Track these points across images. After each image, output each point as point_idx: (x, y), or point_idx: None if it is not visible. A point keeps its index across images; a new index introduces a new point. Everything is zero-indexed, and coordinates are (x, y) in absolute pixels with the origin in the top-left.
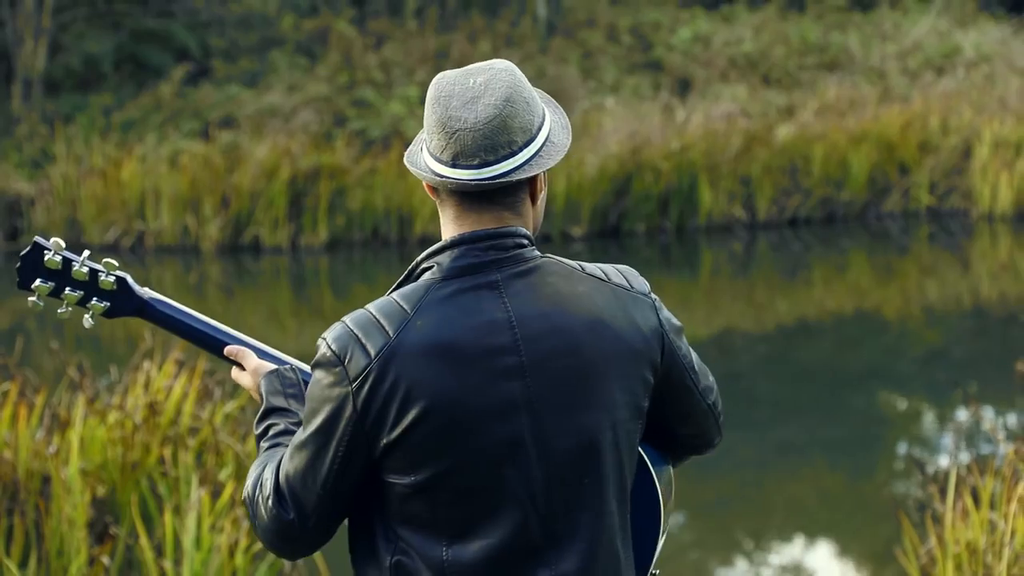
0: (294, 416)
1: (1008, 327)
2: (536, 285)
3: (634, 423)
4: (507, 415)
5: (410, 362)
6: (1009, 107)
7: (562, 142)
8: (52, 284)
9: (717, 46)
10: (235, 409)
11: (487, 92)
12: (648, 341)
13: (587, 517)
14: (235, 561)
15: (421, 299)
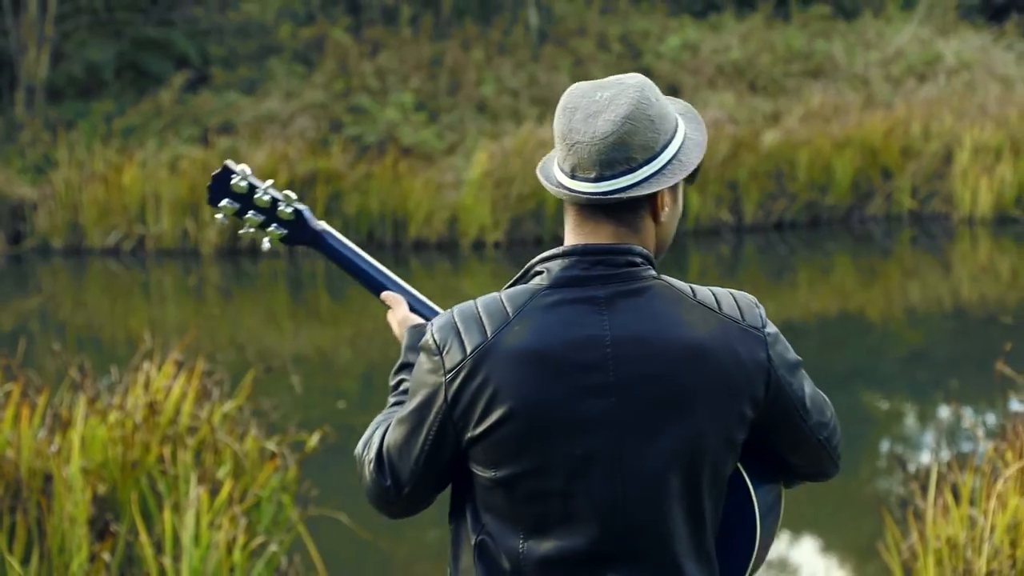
0: None
1: (988, 328)
2: (641, 307)
3: (724, 454)
4: (587, 430)
5: (501, 364)
6: (989, 113)
7: (691, 160)
8: (238, 206)
9: (705, 54)
10: (233, 409)
11: (610, 107)
12: (750, 376)
13: (655, 538)
14: (233, 558)
15: (524, 304)
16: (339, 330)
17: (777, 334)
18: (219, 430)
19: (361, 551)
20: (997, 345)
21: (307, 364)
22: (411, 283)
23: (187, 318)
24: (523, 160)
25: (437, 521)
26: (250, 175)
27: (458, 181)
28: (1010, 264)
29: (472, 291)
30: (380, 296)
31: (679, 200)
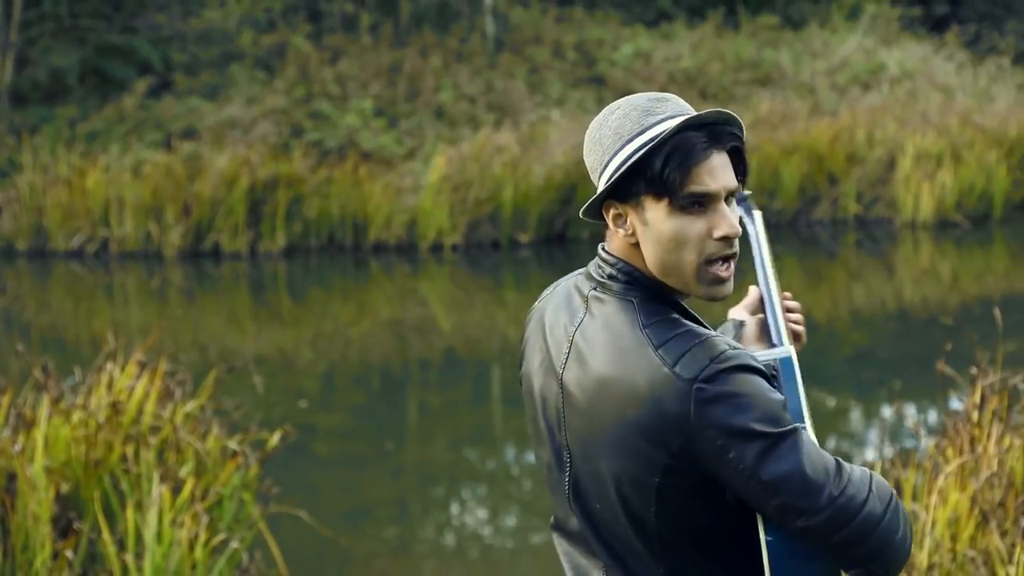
0: None
1: (929, 329)
2: (602, 317)
3: (635, 490)
4: (544, 408)
5: None
6: (930, 121)
7: (617, 182)
8: None
9: (657, 62)
10: (195, 408)
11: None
12: (664, 424)
13: (609, 528)
14: (195, 555)
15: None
16: (300, 331)
17: (721, 394)
18: (181, 429)
19: (321, 548)
20: (938, 345)
21: (269, 364)
22: (371, 285)
23: (150, 319)
24: (480, 165)
25: (396, 518)
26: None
27: (417, 185)
28: (950, 267)
29: (430, 293)
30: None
31: (653, 223)
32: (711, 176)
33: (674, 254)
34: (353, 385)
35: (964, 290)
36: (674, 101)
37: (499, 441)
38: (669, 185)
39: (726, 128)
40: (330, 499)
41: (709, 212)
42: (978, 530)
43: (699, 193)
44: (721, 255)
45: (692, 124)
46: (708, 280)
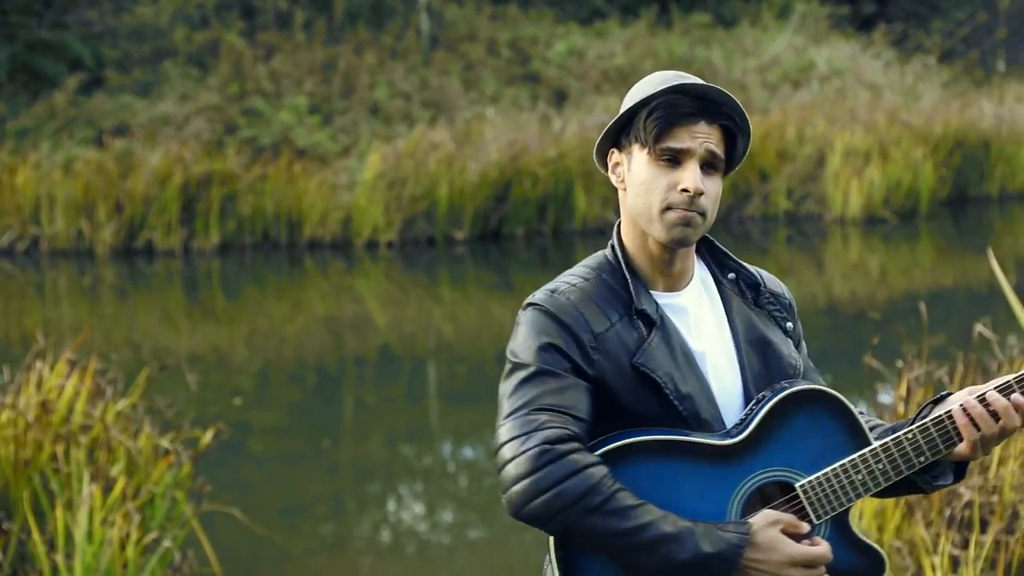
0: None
1: (858, 323)
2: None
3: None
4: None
5: None
6: (858, 119)
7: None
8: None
9: (591, 60)
10: (127, 407)
11: None
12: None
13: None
14: (126, 554)
15: None
16: (234, 328)
17: (516, 322)
18: (112, 428)
19: (256, 546)
20: (866, 339)
21: (203, 362)
22: (306, 282)
23: (81, 318)
24: (415, 162)
25: (332, 515)
26: None
27: (352, 182)
28: (878, 262)
29: (365, 290)
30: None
31: (635, 168)
32: (691, 136)
33: (642, 197)
34: (288, 382)
35: (891, 285)
36: (695, 79)
37: (435, 437)
38: (649, 135)
39: (721, 107)
40: (265, 497)
41: (681, 168)
42: (904, 521)
43: (674, 148)
44: (680, 206)
45: (686, 91)
46: (668, 224)
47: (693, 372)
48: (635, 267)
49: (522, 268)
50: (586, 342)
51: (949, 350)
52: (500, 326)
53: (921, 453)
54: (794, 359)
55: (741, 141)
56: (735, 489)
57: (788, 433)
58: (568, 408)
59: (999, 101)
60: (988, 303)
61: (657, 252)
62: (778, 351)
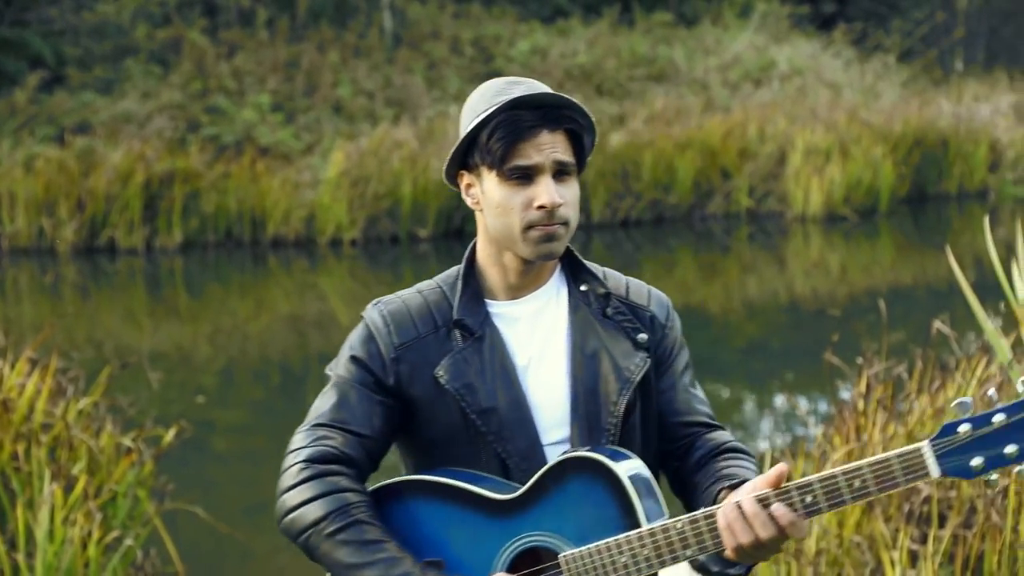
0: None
1: (818, 320)
2: None
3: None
4: None
5: None
6: (819, 117)
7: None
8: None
9: (553, 58)
10: (88, 405)
11: None
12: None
13: None
14: (88, 553)
15: None
16: (198, 327)
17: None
18: (74, 427)
19: (219, 544)
20: (827, 336)
21: (166, 360)
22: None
23: (43, 316)
24: (379, 160)
25: None
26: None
27: (315, 180)
28: (839, 260)
29: (329, 288)
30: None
31: (488, 191)
32: (537, 151)
33: (500, 219)
34: (252, 380)
35: (851, 282)
36: (528, 84)
37: None
38: (495, 156)
39: (561, 112)
40: (229, 495)
41: (533, 184)
42: (863, 516)
43: (522, 166)
44: (541, 223)
45: (523, 104)
46: (533, 240)
47: (505, 386)
48: (481, 277)
49: None
50: (386, 354)
51: (908, 347)
52: None
53: (688, 546)
54: (629, 371)
55: (588, 138)
56: (504, 545)
57: (561, 498)
58: (349, 424)
59: (957, 100)
60: (947, 300)
61: (513, 264)
62: (614, 364)
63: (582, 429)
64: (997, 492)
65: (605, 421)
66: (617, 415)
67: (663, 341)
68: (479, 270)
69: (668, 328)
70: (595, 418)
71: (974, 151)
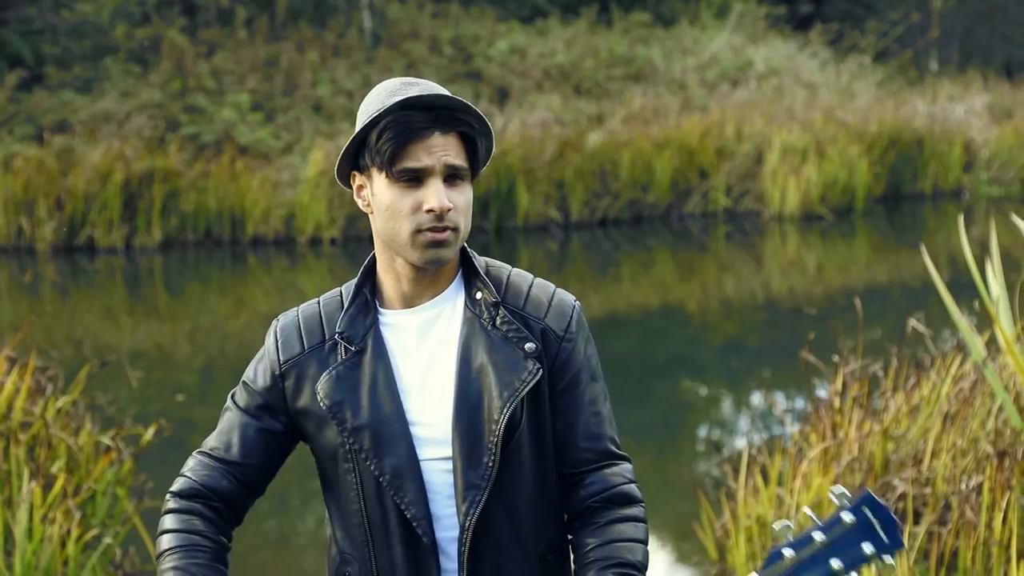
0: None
1: (795, 319)
2: None
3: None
4: None
5: None
6: (796, 117)
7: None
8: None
9: (532, 58)
10: (67, 404)
11: None
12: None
13: None
14: (67, 551)
15: None
16: (177, 325)
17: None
18: (53, 425)
19: None
20: (803, 335)
21: (145, 359)
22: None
23: (22, 315)
24: None
25: (276, 511)
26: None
27: (295, 180)
28: (815, 259)
29: (309, 287)
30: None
31: (377, 193)
32: (427, 153)
33: (390, 223)
34: (231, 379)
35: (828, 281)
36: (424, 85)
37: None
38: (384, 157)
39: (455, 114)
40: None
41: (423, 187)
42: None
43: (411, 168)
44: (430, 227)
45: (415, 105)
46: (420, 245)
47: (380, 402)
48: (376, 286)
49: None
50: (274, 372)
51: (884, 345)
52: None
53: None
54: (513, 386)
55: (483, 143)
56: None
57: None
58: (226, 453)
59: (932, 100)
60: (922, 298)
61: (405, 271)
62: (498, 377)
63: (463, 446)
64: (971, 489)
65: (486, 439)
66: (497, 433)
67: (560, 354)
68: (378, 278)
69: (567, 340)
70: (477, 435)
71: (949, 151)
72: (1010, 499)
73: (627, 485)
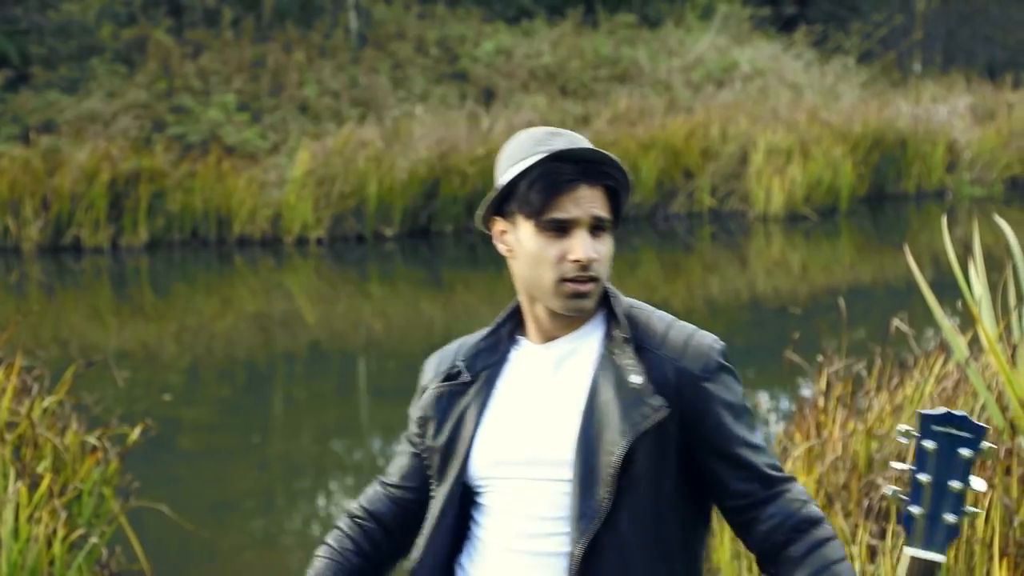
0: None
1: (779, 318)
2: None
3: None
4: None
5: None
6: (780, 117)
7: (488, 199)
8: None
9: (518, 58)
10: (53, 403)
11: None
12: None
13: None
14: (53, 551)
15: None
16: (163, 325)
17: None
18: (39, 425)
19: (185, 542)
20: (788, 334)
21: (132, 359)
22: (235, 279)
23: (7, 315)
24: (344, 159)
25: (262, 510)
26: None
27: (281, 180)
28: (800, 258)
29: (295, 287)
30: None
31: (523, 240)
32: (575, 204)
33: (534, 270)
34: (218, 379)
35: (812, 281)
36: (568, 136)
37: (364, 432)
38: (533, 207)
39: (601, 167)
40: (194, 492)
41: (569, 237)
42: (824, 512)
43: (559, 219)
44: (574, 276)
45: (564, 157)
46: (563, 295)
47: (462, 432)
48: (520, 322)
49: (451, 265)
50: (420, 398)
51: (868, 344)
52: (429, 322)
53: None
54: (635, 421)
55: (623, 195)
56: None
57: None
58: (388, 478)
59: (915, 101)
60: (905, 298)
61: (543, 314)
62: (623, 412)
63: (581, 475)
64: None
65: (603, 472)
66: (614, 465)
67: (699, 393)
68: (522, 311)
69: (705, 379)
70: (595, 466)
71: (932, 151)
72: (992, 498)
73: (806, 507)
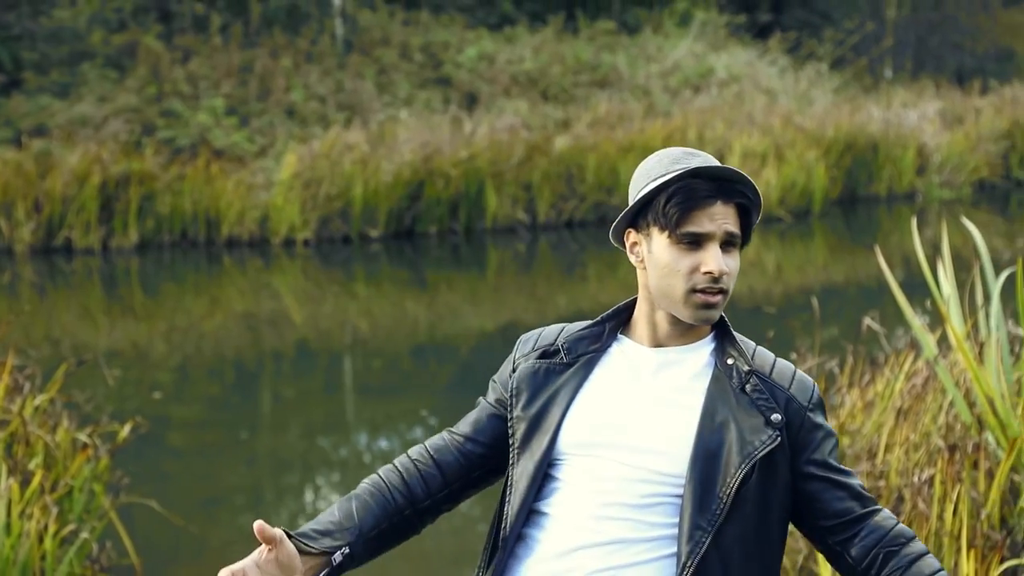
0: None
1: (754, 317)
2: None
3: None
4: None
5: None
6: (755, 122)
7: (626, 211)
8: None
9: (500, 64)
10: (44, 401)
11: None
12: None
13: None
14: (44, 546)
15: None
16: (153, 325)
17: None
18: (30, 423)
19: (174, 537)
20: (761, 334)
21: (122, 358)
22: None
23: (0, 315)
24: (331, 162)
25: (251, 506)
26: None
27: (269, 182)
28: (774, 259)
29: (282, 287)
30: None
31: (656, 251)
32: (710, 220)
33: (666, 280)
34: (207, 377)
35: (786, 281)
36: (704, 156)
37: (351, 429)
38: (670, 220)
39: (735, 186)
40: (184, 488)
41: (702, 250)
42: None
43: (694, 232)
44: (705, 287)
45: (702, 175)
46: (694, 305)
47: (552, 408)
48: (626, 324)
49: (435, 265)
50: (509, 366)
51: (840, 342)
52: (414, 321)
53: None
54: (753, 446)
55: (755, 214)
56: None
57: None
58: (460, 428)
59: (886, 106)
60: (877, 297)
61: (664, 322)
62: (740, 436)
63: (695, 489)
64: (923, 482)
65: (719, 489)
66: (732, 486)
67: (805, 422)
68: (632, 319)
69: (810, 410)
70: (711, 483)
71: (902, 155)
72: (960, 491)
73: (898, 525)
